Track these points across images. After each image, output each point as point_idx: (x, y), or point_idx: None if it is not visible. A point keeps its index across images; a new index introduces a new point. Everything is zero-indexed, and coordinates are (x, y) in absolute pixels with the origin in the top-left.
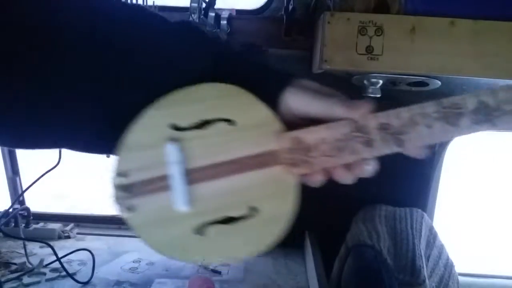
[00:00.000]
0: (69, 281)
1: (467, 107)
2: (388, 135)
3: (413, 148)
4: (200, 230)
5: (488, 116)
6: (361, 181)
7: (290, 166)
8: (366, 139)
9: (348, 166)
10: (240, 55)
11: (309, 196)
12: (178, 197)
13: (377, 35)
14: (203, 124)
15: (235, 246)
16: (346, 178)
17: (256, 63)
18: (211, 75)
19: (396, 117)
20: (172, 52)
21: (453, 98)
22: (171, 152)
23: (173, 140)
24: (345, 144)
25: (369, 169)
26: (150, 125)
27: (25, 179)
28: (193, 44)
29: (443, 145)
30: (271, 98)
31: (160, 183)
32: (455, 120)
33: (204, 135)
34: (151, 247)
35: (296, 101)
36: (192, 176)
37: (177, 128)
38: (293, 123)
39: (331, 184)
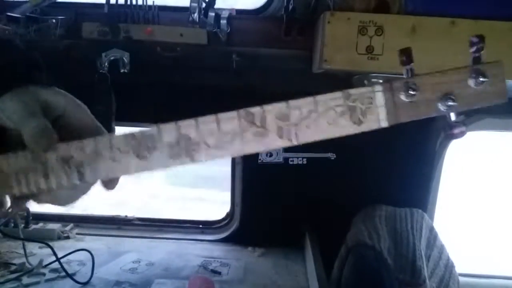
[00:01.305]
0: (68, 282)
1: (161, 140)
2: (69, 168)
3: (104, 180)
4: None
5: (187, 150)
6: (362, 182)
7: None
8: (44, 171)
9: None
10: None
11: (309, 197)
12: None
13: (377, 35)
14: None
15: None
16: (19, 208)
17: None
18: None
19: (79, 149)
20: None
21: (145, 131)
22: None
23: None
24: (25, 175)
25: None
26: None
27: None
28: None
29: (443, 145)
30: None
31: None
32: (146, 153)
33: None
34: None
35: (5, 110)
36: None
37: None
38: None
39: (331, 185)
